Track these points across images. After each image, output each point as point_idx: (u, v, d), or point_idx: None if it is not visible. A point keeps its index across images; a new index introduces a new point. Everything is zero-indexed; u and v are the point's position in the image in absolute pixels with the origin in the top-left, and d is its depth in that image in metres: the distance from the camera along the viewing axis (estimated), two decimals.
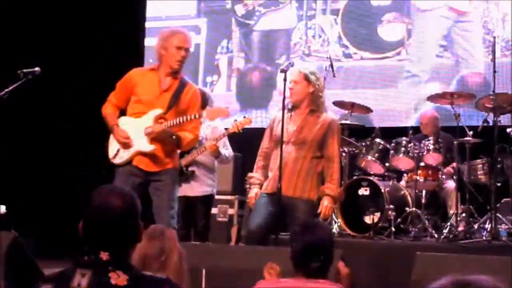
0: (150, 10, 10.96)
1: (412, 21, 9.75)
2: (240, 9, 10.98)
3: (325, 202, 5.67)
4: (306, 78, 5.78)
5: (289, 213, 5.65)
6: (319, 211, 5.64)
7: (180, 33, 5.83)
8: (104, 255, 2.38)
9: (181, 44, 5.69)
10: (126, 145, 5.67)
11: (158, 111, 5.65)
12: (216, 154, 6.75)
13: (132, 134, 5.68)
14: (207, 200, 7.08)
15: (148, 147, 5.63)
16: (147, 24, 10.83)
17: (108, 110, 5.86)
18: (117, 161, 5.74)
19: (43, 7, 10.01)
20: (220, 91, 10.65)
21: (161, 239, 3.13)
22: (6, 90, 6.00)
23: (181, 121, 5.59)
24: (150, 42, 10.38)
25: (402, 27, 9.88)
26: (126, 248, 2.46)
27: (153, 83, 5.74)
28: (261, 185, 5.87)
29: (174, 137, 5.66)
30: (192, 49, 5.82)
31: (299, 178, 5.72)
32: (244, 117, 6.70)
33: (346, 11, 10.29)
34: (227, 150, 7.02)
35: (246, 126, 6.55)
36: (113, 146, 5.78)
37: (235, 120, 6.63)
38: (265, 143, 5.98)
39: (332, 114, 6.15)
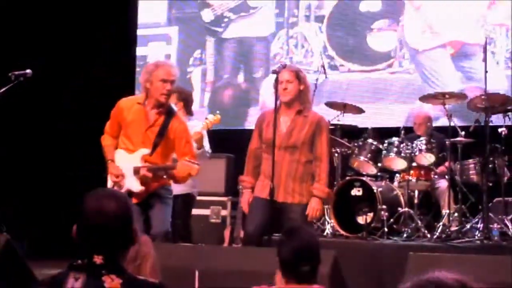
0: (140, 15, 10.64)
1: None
2: (207, 15, 10.25)
3: (313, 204, 5.66)
4: (297, 76, 5.78)
5: (284, 216, 5.63)
6: (306, 212, 5.64)
7: (165, 65, 5.89)
8: (98, 259, 2.37)
9: (166, 77, 5.71)
10: (117, 184, 5.76)
11: (144, 151, 5.72)
12: (200, 144, 6.71)
13: (125, 170, 5.76)
14: (186, 199, 7.02)
15: (138, 188, 5.73)
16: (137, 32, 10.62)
17: (106, 141, 5.95)
18: None
19: (43, 7, 9.99)
20: (193, 107, 10.33)
21: (136, 245, 3.15)
22: None
23: (162, 169, 5.73)
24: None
25: (394, 35, 9.22)
26: (120, 252, 2.45)
27: (140, 117, 5.78)
28: (252, 188, 5.85)
29: (165, 176, 5.77)
30: (175, 78, 5.80)
31: (295, 183, 5.70)
32: (214, 114, 6.77)
33: (332, 18, 9.47)
34: (207, 146, 7.00)
35: (238, 127, 6.56)
36: (109, 179, 5.88)
37: (206, 118, 6.68)
38: (254, 144, 5.93)
39: (318, 112, 6.11)
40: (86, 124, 8.98)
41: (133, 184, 5.72)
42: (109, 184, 5.83)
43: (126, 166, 5.73)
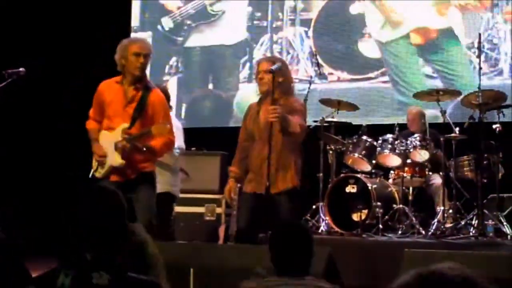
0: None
1: None
2: (167, 22, 9.89)
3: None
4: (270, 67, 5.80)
5: (272, 209, 5.64)
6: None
7: (137, 40, 6.06)
8: (89, 256, 2.39)
9: (139, 50, 5.78)
10: (101, 162, 5.81)
11: (124, 125, 5.75)
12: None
13: (108, 149, 5.80)
14: (165, 198, 6.98)
15: (118, 162, 5.73)
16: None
17: (90, 125, 6.04)
18: (98, 175, 5.86)
19: (43, 7, 9.98)
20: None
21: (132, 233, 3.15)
22: None
23: (139, 136, 5.70)
24: None
25: None
26: (111, 248, 2.46)
27: (118, 96, 5.84)
28: (237, 179, 5.94)
29: (144, 149, 5.73)
30: (149, 52, 5.83)
31: (277, 172, 5.71)
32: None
33: (319, 21, 8.95)
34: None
35: (231, 125, 6.55)
36: (94, 160, 5.92)
37: None
38: (241, 136, 6.06)
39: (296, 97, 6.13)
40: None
41: (113, 160, 5.74)
42: (94, 165, 5.88)
43: (109, 144, 5.77)
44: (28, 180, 9.67)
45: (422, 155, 7.50)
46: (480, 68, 7.14)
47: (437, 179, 7.65)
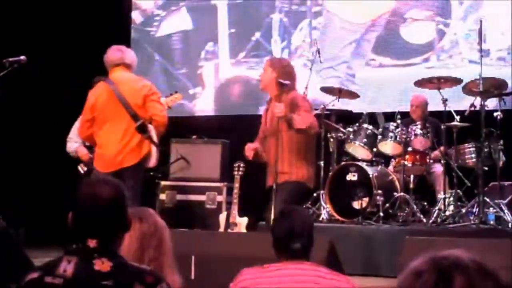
0: None
1: (446, 17, 8.41)
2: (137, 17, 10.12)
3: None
4: (270, 64, 6.04)
5: (276, 197, 5.74)
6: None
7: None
8: (92, 243, 2.41)
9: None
10: None
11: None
12: None
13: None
14: None
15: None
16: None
17: None
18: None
19: (43, 7, 9.97)
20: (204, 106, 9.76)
21: (151, 218, 3.15)
22: None
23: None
24: None
25: (432, 26, 8.61)
26: (114, 236, 2.48)
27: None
28: (257, 149, 6.07)
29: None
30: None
31: (283, 164, 5.86)
32: (172, 94, 6.91)
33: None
34: None
35: (230, 113, 6.60)
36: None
37: (166, 97, 6.81)
38: (260, 129, 6.25)
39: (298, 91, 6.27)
40: None
41: None
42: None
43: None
44: (28, 177, 9.67)
45: (423, 143, 7.48)
46: (482, 56, 7.11)
47: (438, 167, 7.65)
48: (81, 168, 7.50)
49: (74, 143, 7.48)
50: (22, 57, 6.09)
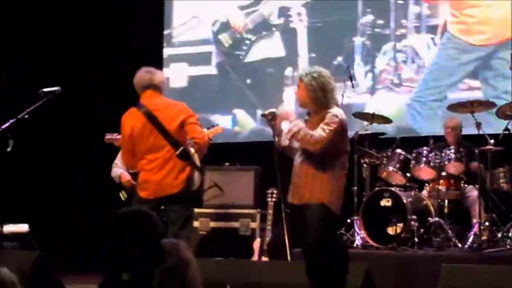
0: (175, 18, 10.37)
1: None
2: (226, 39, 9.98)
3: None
4: (301, 80, 5.66)
5: (300, 221, 5.58)
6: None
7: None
8: (126, 276, 2.39)
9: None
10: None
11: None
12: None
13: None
14: None
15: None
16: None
17: None
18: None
19: (60, 14, 10.11)
20: None
21: (177, 251, 3.14)
22: (27, 110, 6.08)
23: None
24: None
25: None
26: (147, 270, 2.47)
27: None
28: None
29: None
30: None
31: (306, 184, 5.58)
32: (213, 126, 7.08)
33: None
34: None
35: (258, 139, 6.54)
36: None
37: (208, 128, 6.86)
38: None
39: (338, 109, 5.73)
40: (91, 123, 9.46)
41: None
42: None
43: None
44: (53, 196, 9.77)
45: (457, 168, 7.43)
46: None
47: (473, 192, 7.59)
48: (122, 196, 7.53)
49: (118, 169, 7.50)
50: (57, 88, 6.17)
